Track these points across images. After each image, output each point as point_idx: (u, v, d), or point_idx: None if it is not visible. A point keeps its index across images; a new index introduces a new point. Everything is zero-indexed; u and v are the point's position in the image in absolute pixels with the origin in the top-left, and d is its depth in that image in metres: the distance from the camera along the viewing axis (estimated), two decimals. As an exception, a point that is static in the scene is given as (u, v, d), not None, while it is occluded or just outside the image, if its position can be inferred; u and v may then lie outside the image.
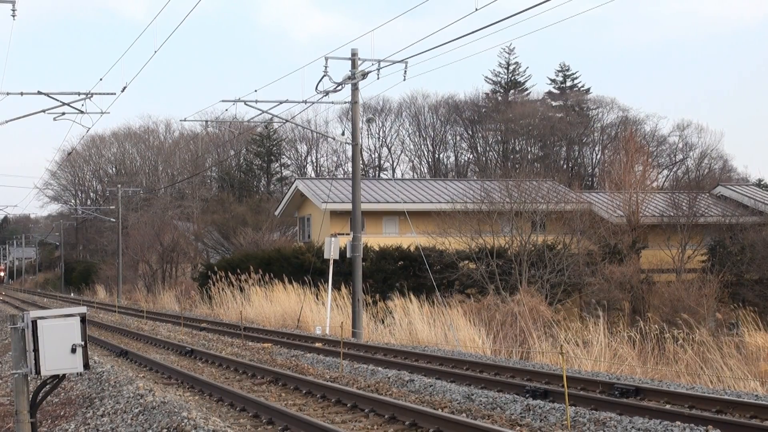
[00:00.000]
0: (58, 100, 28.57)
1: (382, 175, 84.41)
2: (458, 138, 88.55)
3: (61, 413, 13.46)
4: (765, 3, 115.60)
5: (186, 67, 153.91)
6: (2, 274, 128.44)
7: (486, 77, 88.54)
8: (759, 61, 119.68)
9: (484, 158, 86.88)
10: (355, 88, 27.92)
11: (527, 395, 13.59)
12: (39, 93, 28.18)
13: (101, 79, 32.98)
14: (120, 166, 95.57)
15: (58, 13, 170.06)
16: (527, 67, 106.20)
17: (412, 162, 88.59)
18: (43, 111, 29.21)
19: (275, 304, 34.36)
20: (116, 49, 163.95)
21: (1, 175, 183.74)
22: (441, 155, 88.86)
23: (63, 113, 29.09)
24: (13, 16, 20.86)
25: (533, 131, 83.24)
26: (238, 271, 38.36)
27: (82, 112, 28.62)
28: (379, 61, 26.59)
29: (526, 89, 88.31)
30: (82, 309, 8.78)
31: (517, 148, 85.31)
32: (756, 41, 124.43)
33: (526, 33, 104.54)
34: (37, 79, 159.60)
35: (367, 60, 27.13)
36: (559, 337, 22.96)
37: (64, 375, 8.90)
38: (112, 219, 67.11)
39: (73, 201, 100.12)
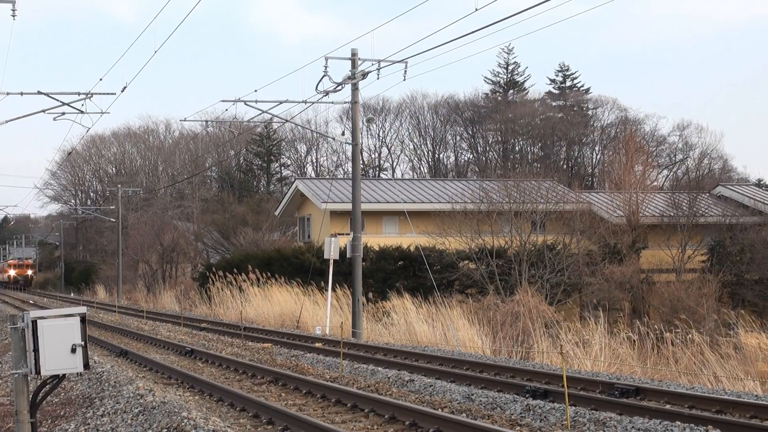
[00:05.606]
0: (58, 100, 28.61)
1: (382, 175, 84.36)
2: (458, 138, 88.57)
3: (61, 413, 13.46)
4: (758, 5, 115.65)
5: (186, 67, 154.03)
6: (30, 272, 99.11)
7: (485, 77, 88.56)
8: (759, 61, 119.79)
9: (484, 158, 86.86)
10: (355, 88, 27.92)
11: (527, 395, 13.60)
12: (39, 93, 28.20)
13: (101, 79, 33.02)
14: (120, 166, 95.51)
15: (56, 14, 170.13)
16: (526, 67, 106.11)
17: (412, 162, 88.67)
18: (43, 111, 29.25)
19: (275, 304, 34.37)
20: (115, 50, 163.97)
21: (1, 175, 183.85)
22: (441, 155, 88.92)
23: (63, 113, 29.12)
24: (13, 16, 20.89)
25: (533, 131, 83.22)
26: (237, 271, 38.36)
27: (82, 112, 28.65)
28: (379, 61, 26.60)
29: (525, 89, 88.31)
30: (82, 309, 8.78)
31: (517, 148, 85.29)
32: (756, 41, 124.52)
33: (526, 33, 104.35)
34: (37, 79, 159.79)
35: (367, 60, 27.15)
36: (559, 337, 22.96)
37: (64, 375, 8.90)
38: (112, 219, 67.09)
39: (73, 201, 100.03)
